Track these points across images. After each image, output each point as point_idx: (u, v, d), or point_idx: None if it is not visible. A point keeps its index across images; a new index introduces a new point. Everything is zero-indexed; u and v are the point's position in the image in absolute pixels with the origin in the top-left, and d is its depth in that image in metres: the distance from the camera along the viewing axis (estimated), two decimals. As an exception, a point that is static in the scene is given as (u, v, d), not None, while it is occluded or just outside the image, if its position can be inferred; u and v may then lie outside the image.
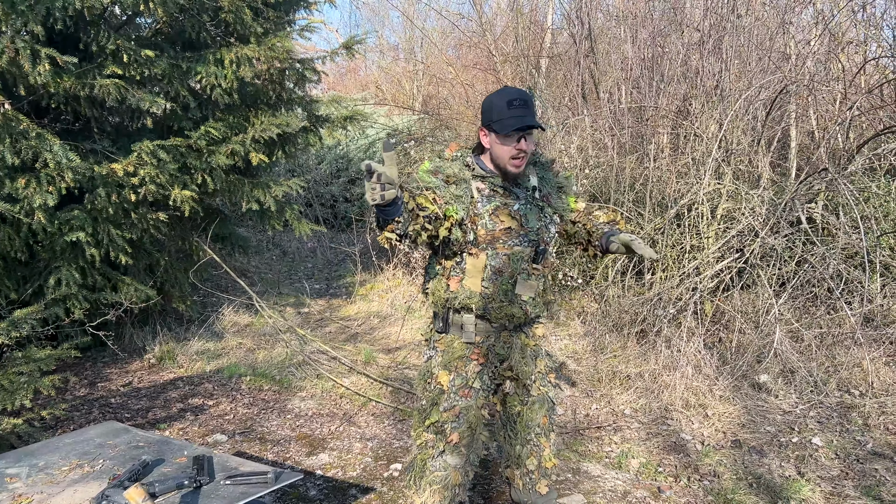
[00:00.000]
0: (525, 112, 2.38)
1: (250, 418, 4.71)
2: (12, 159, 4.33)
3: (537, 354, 2.71)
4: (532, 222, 2.50)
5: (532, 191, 2.53)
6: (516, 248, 2.48)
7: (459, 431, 2.56)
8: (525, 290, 2.52)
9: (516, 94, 2.42)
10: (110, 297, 5.26)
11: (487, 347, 2.59)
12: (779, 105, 6.34)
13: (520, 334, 2.67)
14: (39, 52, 4.34)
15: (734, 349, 5.13)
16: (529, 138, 2.41)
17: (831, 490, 3.50)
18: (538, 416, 2.68)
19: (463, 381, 2.56)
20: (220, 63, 5.24)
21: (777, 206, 5.57)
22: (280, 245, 10.80)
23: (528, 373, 2.66)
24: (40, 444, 2.72)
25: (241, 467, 2.34)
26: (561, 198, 2.64)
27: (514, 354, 2.63)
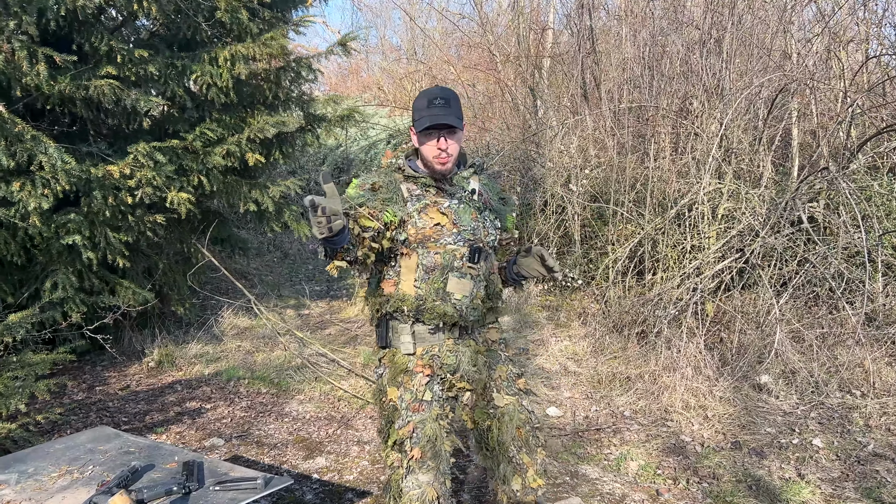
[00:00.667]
0: (444, 111, 2.33)
1: (248, 422, 4.68)
2: (7, 162, 4.32)
3: (495, 361, 2.54)
4: (465, 220, 2.42)
5: (472, 193, 2.47)
6: (449, 247, 2.38)
7: (420, 446, 2.38)
8: (457, 289, 2.39)
9: (438, 92, 2.39)
10: (108, 301, 5.25)
11: (431, 357, 2.43)
12: (780, 103, 6.30)
13: (467, 341, 2.48)
14: (36, 52, 4.33)
15: (735, 350, 5.09)
16: (452, 137, 2.36)
17: (832, 492, 3.46)
18: (511, 429, 2.46)
19: (412, 395, 2.41)
20: (214, 62, 5.23)
21: (778, 206, 5.53)
22: (281, 247, 10.78)
23: (482, 381, 2.49)
24: (30, 449, 2.69)
25: (230, 472, 2.32)
26: (501, 204, 2.60)
27: (462, 363, 2.45)
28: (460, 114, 2.39)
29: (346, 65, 20.38)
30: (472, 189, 2.48)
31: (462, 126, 2.40)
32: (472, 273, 2.40)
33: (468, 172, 2.50)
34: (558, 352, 5.77)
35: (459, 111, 2.39)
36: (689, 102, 6.90)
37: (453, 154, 2.38)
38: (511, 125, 9.99)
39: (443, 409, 2.44)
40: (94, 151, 5.06)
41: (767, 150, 6.28)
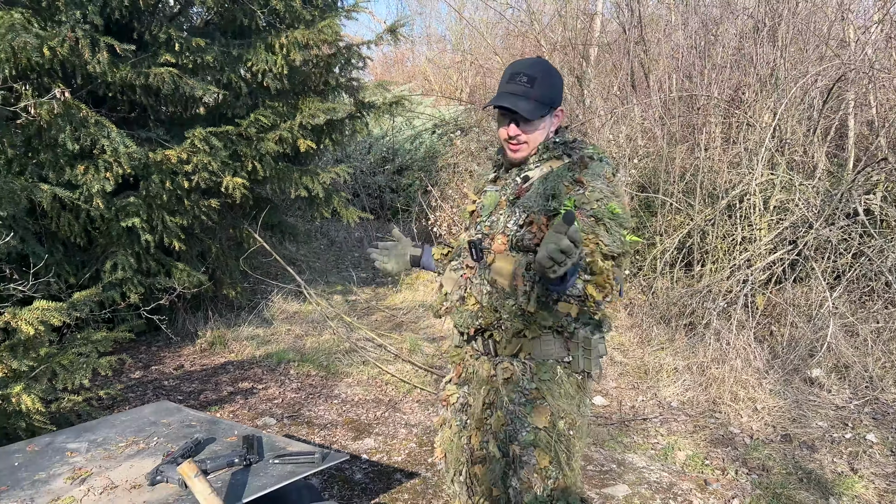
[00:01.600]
0: (521, 91, 1.93)
1: (298, 402, 4.79)
2: (72, 146, 4.46)
3: (498, 403, 2.06)
4: (485, 209, 2.09)
5: (523, 181, 2.03)
6: (470, 236, 2.13)
7: (442, 449, 2.26)
8: (446, 281, 2.16)
9: (526, 66, 1.97)
10: (164, 283, 5.40)
11: (461, 358, 2.21)
12: (836, 93, 6.16)
13: (484, 358, 2.11)
14: (99, 41, 4.47)
15: (785, 343, 5.02)
16: (527, 126, 1.97)
17: (886, 487, 3.41)
18: (486, 479, 2.09)
19: (444, 387, 2.28)
20: (270, 49, 5.32)
21: (833, 197, 5.42)
22: (328, 234, 10.92)
23: (475, 413, 2.13)
24: (98, 420, 2.81)
25: (289, 447, 2.39)
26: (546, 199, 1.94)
27: (472, 381, 2.15)
28: (548, 96, 1.96)
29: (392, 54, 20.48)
30: (525, 176, 2.03)
31: (546, 112, 1.98)
32: (468, 271, 2.09)
33: (537, 158, 2.04)
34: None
35: (549, 93, 1.96)
36: (742, 92, 6.79)
37: (529, 143, 2.01)
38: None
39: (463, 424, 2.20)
40: (152, 137, 5.20)
41: (822, 140, 6.15)
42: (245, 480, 2.13)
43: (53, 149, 4.55)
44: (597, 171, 1.94)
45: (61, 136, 4.40)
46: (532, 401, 1.98)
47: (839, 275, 5.36)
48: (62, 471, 2.28)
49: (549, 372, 1.99)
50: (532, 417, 1.96)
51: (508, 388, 2.01)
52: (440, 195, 8.54)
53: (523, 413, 1.98)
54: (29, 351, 3.46)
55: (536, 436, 1.96)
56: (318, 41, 5.30)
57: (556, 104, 2.02)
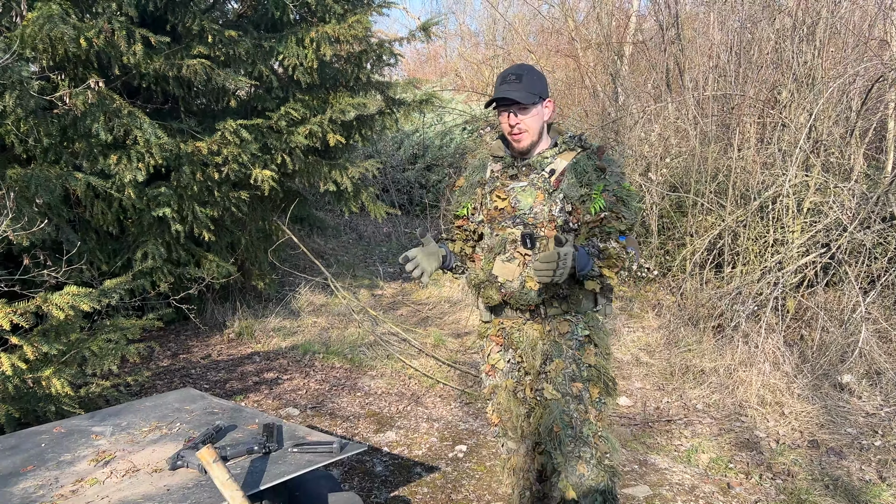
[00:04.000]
0: (513, 87, 2.29)
1: (322, 394, 4.82)
2: (105, 136, 4.54)
3: (556, 353, 2.41)
4: (525, 204, 2.38)
5: (550, 174, 2.36)
6: (508, 230, 2.40)
7: (498, 412, 2.56)
8: (502, 272, 2.40)
9: (513, 69, 2.34)
10: (193, 272, 5.48)
11: (501, 329, 2.52)
12: (875, 94, 6.02)
13: (531, 323, 2.46)
14: (134, 32, 4.53)
15: (816, 347, 4.93)
16: (523, 113, 2.31)
17: (915, 497, 3.33)
18: (549, 421, 2.40)
19: (487, 360, 2.59)
20: (301, 43, 5.36)
21: (869, 200, 5.30)
22: (356, 229, 10.98)
23: (534, 366, 2.46)
24: (123, 405, 2.86)
25: (308, 437, 2.40)
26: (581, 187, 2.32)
27: (523, 342, 2.47)
28: (535, 88, 2.31)
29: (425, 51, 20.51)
30: (551, 170, 2.37)
31: (536, 101, 2.31)
32: (523, 258, 2.37)
33: (553, 151, 2.40)
34: (630, 342, 5.71)
35: (535, 86, 2.31)
36: (778, 92, 6.68)
37: (528, 130, 2.33)
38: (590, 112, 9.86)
39: (518, 382, 2.51)
40: (184, 128, 5.26)
41: (860, 142, 6.02)
42: (263, 468, 2.15)
43: (88, 138, 4.63)
44: (610, 157, 2.39)
45: (95, 125, 4.48)
46: (583, 344, 2.40)
47: (873, 280, 5.25)
48: (87, 453, 2.32)
49: (593, 320, 2.44)
50: (584, 357, 2.39)
51: (565, 339, 2.40)
52: (469, 191, 8.52)
53: (578, 356, 2.39)
54: (60, 336, 3.54)
55: (590, 372, 2.39)
56: (349, 36, 5.32)
57: (544, 96, 2.36)
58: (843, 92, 6.15)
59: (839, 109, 6.16)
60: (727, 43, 7.46)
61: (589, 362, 2.39)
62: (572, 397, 2.37)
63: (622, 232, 2.27)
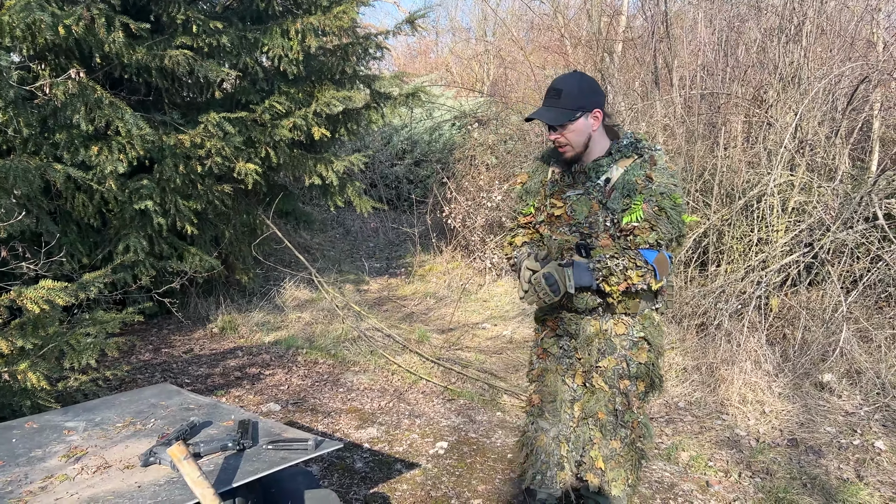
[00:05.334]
0: (548, 104, 2.38)
1: (304, 389, 4.80)
2: (87, 127, 4.49)
3: (609, 350, 2.51)
4: (579, 213, 2.44)
5: (605, 183, 2.40)
6: (564, 235, 2.47)
7: (541, 394, 2.66)
8: None
9: (556, 82, 2.40)
10: (176, 266, 5.44)
11: (558, 318, 2.60)
12: (861, 94, 6.04)
13: (589, 318, 2.52)
14: (114, 20, 4.48)
15: (797, 346, 4.95)
16: (561, 129, 2.38)
17: (892, 495, 3.34)
18: (595, 407, 2.56)
19: (540, 343, 2.69)
20: (286, 34, 5.32)
21: (852, 200, 5.32)
22: (344, 224, 10.94)
23: (587, 361, 2.54)
24: (98, 400, 2.82)
25: (283, 433, 2.38)
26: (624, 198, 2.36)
27: (579, 335, 2.54)
28: (575, 103, 2.35)
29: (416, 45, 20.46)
30: (606, 179, 2.40)
31: (572, 118, 2.35)
32: None
33: (608, 159, 2.41)
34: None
35: (575, 100, 2.35)
36: (764, 91, 6.69)
37: (570, 143, 2.40)
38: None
39: (569, 367, 2.60)
40: (167, 120, 5.22)
41: (845, 142, 6.04)
42: (237, 465, 2.13)
43: (68, 129, 4.58)
44: (663, 166, 2.37)
45: (76, 116, 4.43)
46: (636, 344, 2.50)
47: (856, 279, 5.27)
48: (58, 449, 2.29)
49: (648, 320, 2.52)
50: (637, 357, 2.50)
51: (620, 338, 2.50)
52: (456, 187, 8.51)
53: (631, 355, 2.50)
54: (37, 329, 3.49)
55: (639, 369, 2.51)
56: (335, 27, 5.28)
57: (586, 108, 2.36)
58: (829, 92, 6.17)
59: (825, 109, 6.18)
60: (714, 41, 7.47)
61: (640, 360, 2.51)
62: (619, 392, 2.53)
63: (651, 245, 2.32)
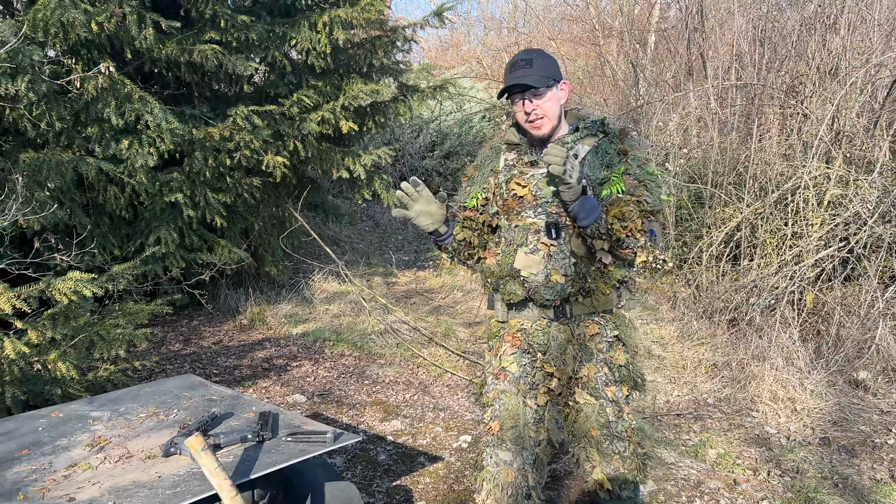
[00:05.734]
0: (524, 73, 2.18)
1: (330, 381, 4.82)
2: (117, 121, 4.55)
3: (587, 358, 2.30)
4: (547, 191, 2.24)
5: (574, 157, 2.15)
6: (528, 220, 2.27)
7: (500, 420, 2.34)
8: (525, 265, 2.25)
9: (521, 54, 2.24)
10: (206, 258, 5.49)
11: (521, 330, 2.35)
12: (901, 85, 5.87)
13: (563, 326, 2.30)
14: (145, 17, 4.53)
15: (831, 343, 4.84)
16: (539, 98, 2.19)
17: (927, 498, 3.26)
18: (585, 426, 2.32)
19: (498, 362, 2.39)
20: (313, 27, 5.33)
21: (890, 194, 5.18)
22: (373, 216, 10.97)
23: (567, 373, 2.30)
24: (123, 391, 2.86)
25: (303, 426, 2.38)
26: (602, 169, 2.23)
27: (551, 346, 2.30)
28: (548, 72, 2.20)
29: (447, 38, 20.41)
30: (574, 154, 2.20)
31: (551, 84, 2.20)
32: (548, 250, 2.24)
33: (573, 136, 2.28)
34: (643, 334, 5.64)
35: (547, 69, 2.20)
36: (800, 82, 6.54)
37: (546, 115, 2.22)
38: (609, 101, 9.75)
39: (532, 387, 2.34)
40: (196, 114, 5.27)
41: (885, 134, 5.88)
42: (256, 456, 2.14)
43: (100, 123, 4.64)
44: (633, 142, 2.28)
45: (107, 110, 4.49)
46: (612, 345, 2.32)
47: (893, 275, 5.14)
48: (83, 438, 2.32)
49: (620, 318, 2.36)
50: (616, 359, 2.31)
51: (595, 341, 2.31)
52: (485, 180, 8.46)
53: (609, 358, 2.31)
54: (67, 320, 3.55)
55: (620, 373, 2.32)
56: (362, 19, 5.28)
57: (558, 78, 2.25)
58: (868, 82, 6.01)
59: (863, 100, 6.02)
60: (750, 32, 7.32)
61: (619, 363, 2.32)
62: (608, 401, 2.30)
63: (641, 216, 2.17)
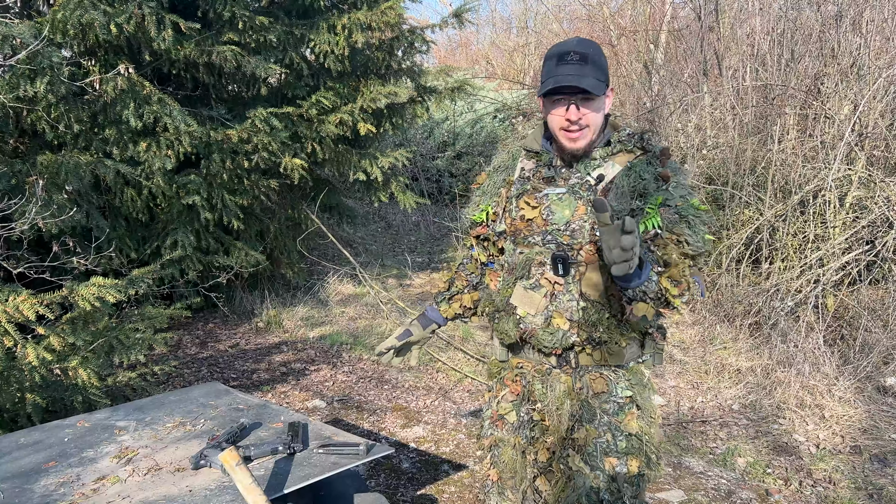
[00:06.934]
0: (577, 70, 1.75)
1: (349, 386, 4.77)
2: (135, 123, 4.51)
3: (588, 419, 1.89)
4: (560, 217, 1.84)
5: (598, 180, 1.82)
6: (536, 248, 1.88)
7: (498, 470, 2.07)
8: (522, 302, 1.88)
9: (574, 45, 1.80)
10: (222, 261, 5.45)
11: (519, 374, 2.03)
12: (925, 85, 5.79)
13: (560, 374, 1.93)
14: (164, 18, 4.49)
15: (858, 348, 4.76)
16: (588, 106, 1.77)
17: (965, 510, 3.19)
18: (572, 498, 1.90)
19: (496, 407, 2.09)
20: (332, 29, 5.29)
21: (917, 196, 5.11)
22: (385, 217, 10.93)
23: (559, 430, 1.94)
24: (148, 399, 2.82)
25: (334, 437, 2.34)
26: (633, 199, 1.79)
27: (548, 398, 1.95)
28: (604, 74, 1.80)
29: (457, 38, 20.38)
30: (599, 175, 1.83)
31: (605, 91, 1.81)
32: (552, 287, 1.85)
33: (604, 151, 1.86)
34: (664, 338, 5.57)
35: (603, 71, 1.80)
36: (821, 82, 6.46)
37: (590, 126, 1.81)
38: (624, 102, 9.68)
39: (531, 441, 2.03)
40: (214, 115, 5.23)
41: (908, 135, 5.80)
42: (288, 469, 2.09)
43: (118, 125, 4.61)
44: (676, 166, 1.84)
45: (125, 112, 4.46)
46: (622, 408, 1.89)
47: (920, 279, 5.06)
48: (109, 449, 2.28)
49: (637, 375, 1.92)
50: (625, 425, 1.88)
51: (601, 400, 1.89)
52: (500, 181, 8.40)
53: (616, 422, 1.88)
54: (87, 325, 3.51)
55: (629, 443, 1.88)
56: (381, 22, 5.23)
57: (608, 83, 1.84)
58: (891, 82, 5.92)
59: (886, 101, 5.94)
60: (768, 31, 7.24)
61: (629, 430, 1.88)
62: (604, 474, 1.88)
63: None
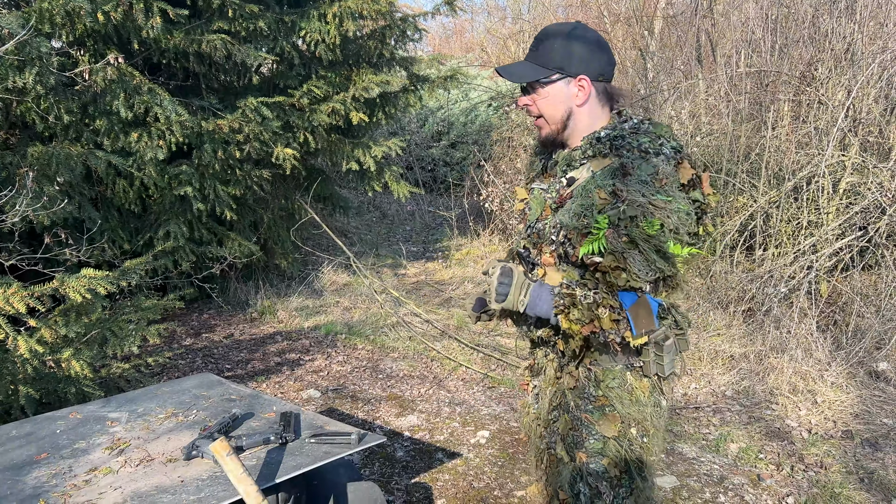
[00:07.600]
0: (526, 57, 1.73)
1: (343, 376, 4.78)
2: (126, 114, 4.49)
3: (564, 408, 1.86)
4: (532, 213, 1.82)
5: (568, 183, 1.73)
6: (521, 238, 1.88)
7: (527, 431, 2.08)
8: None
9: (541, 31, 1.76)
10: (216, 251, 5.44)
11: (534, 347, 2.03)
12: (918, 71, 5.79)
13: (552, 356, 1.92)
14: (152, 6, 4.46)
15: (850, 334, 4.78)
16: (535, 93, 1.73)
17: (955, 493, 3.21)
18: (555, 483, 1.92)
19: (524, 372, 2.12)
20: (323, 18, 5.27)
21: (909, 182, 5.11)
22: (380, 207, 10.91)
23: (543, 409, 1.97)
24: (140, 391, 2.82)
25: (326, 426, 2.34)
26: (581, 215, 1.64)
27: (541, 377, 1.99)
28: (554, 60, 1.68)
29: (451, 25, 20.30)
30: (570, 178, 1.73)
31: (542, 78, 1.70)
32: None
33: (581, 152, 1.73)
34: (658, 325, 5.58)
35: (551, 56, 1.69)
36: (814, 68, 6.45)
37: (546, 114, 1.75)
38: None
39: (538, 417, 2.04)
40: (205, 105, 5.20)
41: (901, 120, 5.80)
42: (280, 459, 2.09)
43: (108, 116, 4.58)
44: (642, 178, 1.60)
45: (115, 102, 4.43)
46: (601, 408, 1.78)
47: (913, 264, 5.07)
48: (102, 440, 2.28)
49: (617, 379, 1.77)
50: (600, 426, 1.77)
51: (574, 394, 1.82)
52: (493, 170, 8.40)
53: (590, 420, 1.79)
54: (80, 317, 3.51)
55: (605, 444, 1.78)
56: (372, 10, 5.21)
57: (568, 70, 1.69)
58: (884, 68, 5.92)
59: (879, 87, 5.94)
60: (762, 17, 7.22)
61: (606, 433, 1.77)
62: (579, 469, 1.82)
63: (623, 289, 1.61)
